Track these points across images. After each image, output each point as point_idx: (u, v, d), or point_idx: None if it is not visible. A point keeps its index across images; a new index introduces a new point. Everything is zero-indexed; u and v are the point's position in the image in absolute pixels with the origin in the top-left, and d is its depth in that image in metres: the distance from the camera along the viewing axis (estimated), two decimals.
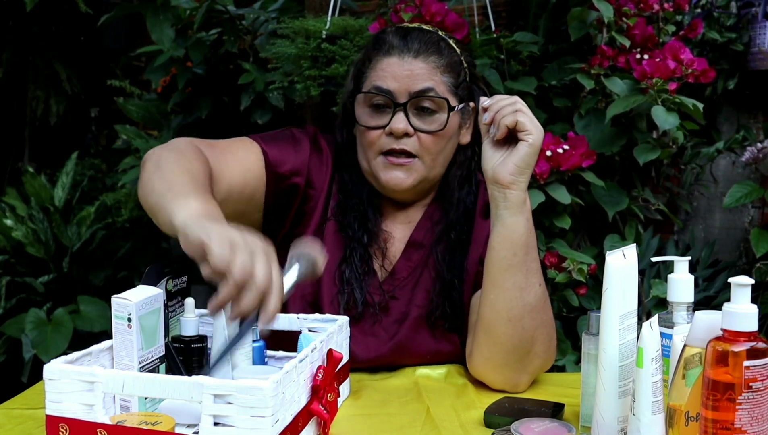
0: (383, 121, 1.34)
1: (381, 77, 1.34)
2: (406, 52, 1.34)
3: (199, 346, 1.14)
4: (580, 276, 1.63)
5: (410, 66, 1.33)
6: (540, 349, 1.27)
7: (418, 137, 1.33)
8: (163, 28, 2.15)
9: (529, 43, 1.88)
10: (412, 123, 1.33)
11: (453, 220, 1.41)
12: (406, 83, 1.32)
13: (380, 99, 1.34)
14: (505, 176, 1.22)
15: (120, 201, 3.04)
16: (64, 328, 2.92)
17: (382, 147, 1.34)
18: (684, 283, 1.01)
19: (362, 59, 1.41)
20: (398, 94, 1.33)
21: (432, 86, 1.33)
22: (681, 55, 1.68)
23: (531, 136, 1.20)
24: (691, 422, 0.87)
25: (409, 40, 1.35)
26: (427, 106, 1.33)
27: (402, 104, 1.32)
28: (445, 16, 1.74)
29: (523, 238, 1.23)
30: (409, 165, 1.34)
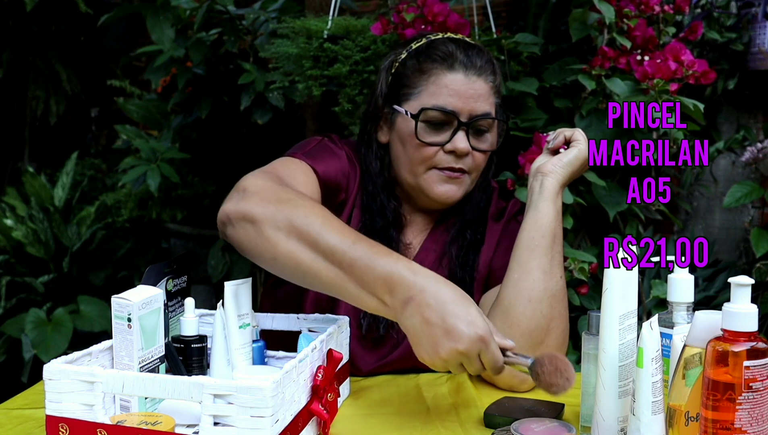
0: (442, 138, 1.33)
1: (443, 94, 1.32)
2: (471, 69, 1.33)
3: (199, 346, 1.14)
4: (581, 275, 1.63)
5: (474, 85, 1.33)
6: (553, 343, 1.27)
7: (473, 156, 1.35)
8: (163, 28, 2.15)
9: (530, 44, 1.88)
10: (471, 143, 1.34)
11: (469, 220, 1.42)
12: (470, 104, 1.32)
13: (441, 117, 1.33)
14: (547, 166, 1.29)
15: (120, 201, 3.05)
16: (64, 328, 2.92)
17: (439, 163, 1.34)
18: (684, 283, 1.01)
19: (414, 67, 1.36)
20: (461, 113, 1.33)
21: (490, 110, 1.35)
22: (682, 57, 1.68)
23: (581, 145, 1.29)
24: (691, 422, 0.87)
25: (472, 56, 1.34)
26: (482, 128, 1.35)
27: (465, 124, 1.33)
28: (447, 16, 1.74)
29: (552, 225, 1.27)
30: (462, 179, 1.36)
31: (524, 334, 1.25)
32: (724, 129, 2.55)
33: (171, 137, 2.57)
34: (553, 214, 1.28)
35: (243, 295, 1.15)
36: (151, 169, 2.35)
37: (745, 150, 2.16)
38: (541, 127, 1.81)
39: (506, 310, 1.26)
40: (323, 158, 1.37)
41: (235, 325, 1.14)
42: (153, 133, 2.98)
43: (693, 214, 2.63)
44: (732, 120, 2.56)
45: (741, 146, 2.25)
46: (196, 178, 2.78)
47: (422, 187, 1.37)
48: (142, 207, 2.89)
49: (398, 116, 1.37)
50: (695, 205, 2.62)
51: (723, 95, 2.45)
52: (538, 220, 1.27)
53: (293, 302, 1.38)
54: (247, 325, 1.16)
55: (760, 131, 2.51)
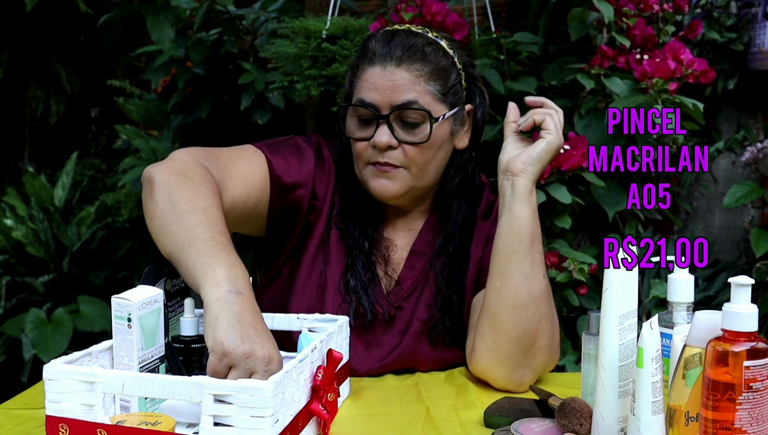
0: (368, 132, 1.33)
1: (365, 88, 1.32)
2: (389, 60, 1.31)
3: (199, 346, 1.14)
4: (580, 276, 1.63)
5: (392, 76, 1.30)
6: (544, 344, 1.26)
7: (403, 149, 1.32)
8: (163, 28, 2.15)
9: (529, 44, 1.88)
10: (396, 135, 1.31)
11: (450, 232, 1.40)
12: (388, 95, 1.30)
13: (365, 112, 1.33)
14: (516, 164, 1.27)
15: (120, 201, 3.05)
16: (64, 328, 2.92)
17: (369, 158, 1.34)
18: (684, 283, 1.01)
19: (353, 65, 1.39)
20: (381, 106, 1.31)
21: (414, 98, 1.30)
22: (681, 56, 1.68)
23: (550, 135, 1.26)
24: (691, 422, 0.87)
25: (393, 46, 1.31)
26: (412, 119, 1.31)
27: (385, 117, 1.31)
28: (446, 16, 1.73)
29: (529, 226, 1.25)
30: (394, 173, 1.33)
31: (513, 340, 1.25)
32: (724, 129, 2.55)
33: (171, 137, 2.56)
34: (529, 215, 1.26)
35: None
36: None
37: (745, 150, 2.16)
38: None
39: (492, 318, 1.26)
40: (284, 154, 1.38)
41: None
42: (153, 133, 2.98)
43: (693, 214, 2.63)
44: (732, 120, 2.56)
45: (741, 146, 2.25)
46: None
47: (365, 183, 1.37)
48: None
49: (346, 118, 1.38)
50: (695, 205, 2.62)
51: (723, 95, 2.45)
52: (514, 224, 1.25)
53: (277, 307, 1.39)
54: None
55: (760, 131, 2.51)
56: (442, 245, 1.40)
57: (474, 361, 1.30)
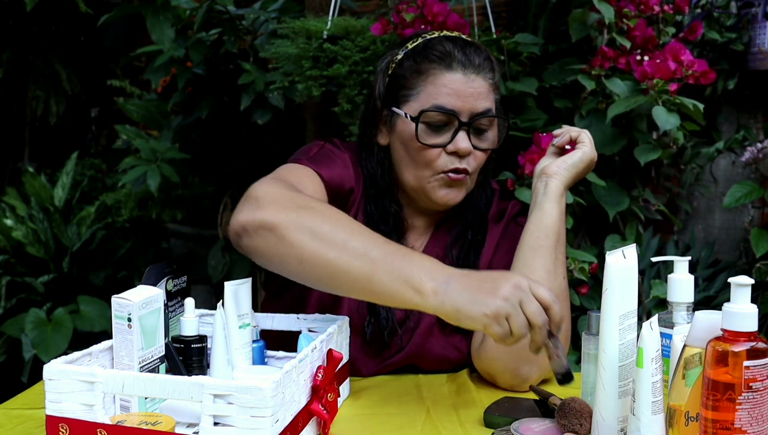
0: (443, 139, 1.31)
1: (443, 94, 1.30)
2: (470, 67, 1.30)
3: (199, 346, 1.14)
4: (581, 275, 1.63)
5: (473, 84, 1.30)
6: None
7: (474, 155, 1.33)
8: (163, 28, 2.15)
9: (529, 44, 1.88)
10: (472, 143, 1.32)
11: (470, 221, 1.42)
12: (470, 103, 1.30)
13: (441, 118, 1.31)
14: (552, 167, 1.30)
15: (120, 201, 3.05)
16: (64, 328, 2.92)
17: (444, 165, 1.32)
18: (684, 283, 1.01)
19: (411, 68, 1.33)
20: (462, 113, 1.30)
21: (490, 107, 1.33)
22: (681, 57, 1.68)
23: (586, 147, 1.31)
24: (691, 422, 0.87)
25: (469, 54, 1.31)
26: (483, 127, 1.34)
27: (466, 123, 1.31)
28: (447, 16, 1.74)
29: (556, 225, 1.28)
30: (464, 181, 1.35)
31: None
32: (724, 129, 2.55)
33: (171, 137, 2.57)
34: (557, 215, 1.29)
35: (243, 295, 1.15)
36: (151, 169, 2.36)
37: (745, 150, 2.16)
38: (541, 127, 1.81)
39: None
40: (327, 163, 1.36)
41: (235, 325, 1.14)
42: (153, 133, 2.98)
43: (693, 214, 2.63)
44: (732, 120, 2.56)
45: (741, 146, 2.25)
46: (196, 178, 2.78)
47: (426, 191, 1.35)
48: (142, 207, 2.89)
49: (398, 118, 1.34)
50: (695, 205, 2.62)
51: (723, 95, 2.45)
52: (543, 221, 1.28)
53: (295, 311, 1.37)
54: (247, 325, 1.16)
55: (760, 131, 2.51)
56: (461, 232, 1.41)
57: (482, 356, 1.29)
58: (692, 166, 2.28)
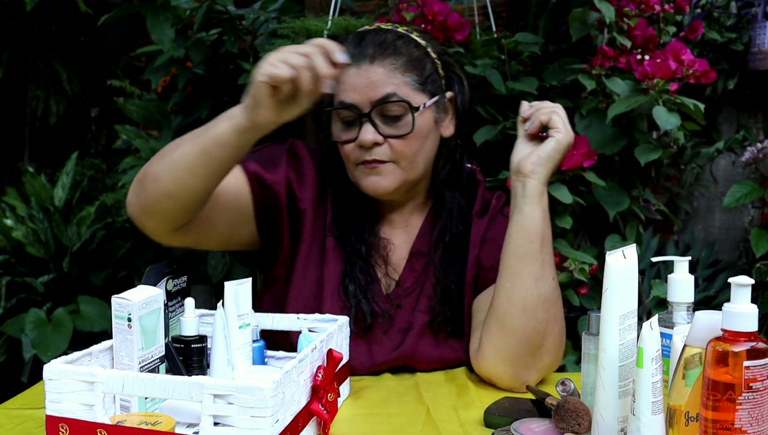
0: (353, 133, 1.33)
1: (343, 90, 1.32)
2: (362, 59, 1.31)
3: (199, 346, 1.14)
4: (581, 275, 1.62)
5: (368, 73, 1.31)
6: (551, 345, 1.27)
7: (389, 144, 1.32)
8: (163, 28, 2.15)
9: (530, 44, 1.88)
10: (380, 131, 1.31)
11: (446, 223, 1.41)
12: (366, 93, 1.31)
13: (347, 114, 1.33)
14: (527, 165, 1.26)
15: (120, 201, 3.04)
16: (64, 328, 2.92)
17: (357, 159, 1.34)
18: (684, 283, 1.01)
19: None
20: (361, 104, 1.31)
21: (393, 91, 1.31)
22: (682, 56, 1.68)
23: (559, 134, 1.26)
24: (691, 422, 0.87)
25: (364, 45, 1.33)
26: (394, 113, 1.32)
27: (367, 114, 1.31)
28: (448, 15, 1.74)
29: (539, 227, 1.26)
30: (383, 168, 1.33)
31: (521, 341, 1.25)
32: (724, 129, 2.55)
33: (171, 137, 2.56)
34: (540, 216, 1.26)
35: (243, 295, 1.15)
36: None
37: (745, 150, 2.16)
38: None
39: (501, 319, 1.26)
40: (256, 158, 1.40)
41: (235, 325, 1.14)
42: (153, 133, 2.98)
43: (693, 214, 2.63)
44: (732, 120, 2.56)
45: (741, 146, 2.25)
46: None
47: (356, 183, 1.37)
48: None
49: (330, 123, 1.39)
50: (695, 205, 2.62)
51: (723, 95, 2.45)
52: (524, 225, 1.26)
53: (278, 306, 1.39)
54: (247, 325, 1.16)
55: (760, 131, 2.51)
56: (439, 236, 1.40)
57: (480, 360, 1.30)
58: (692, 166, 2.28)
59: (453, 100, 1.40)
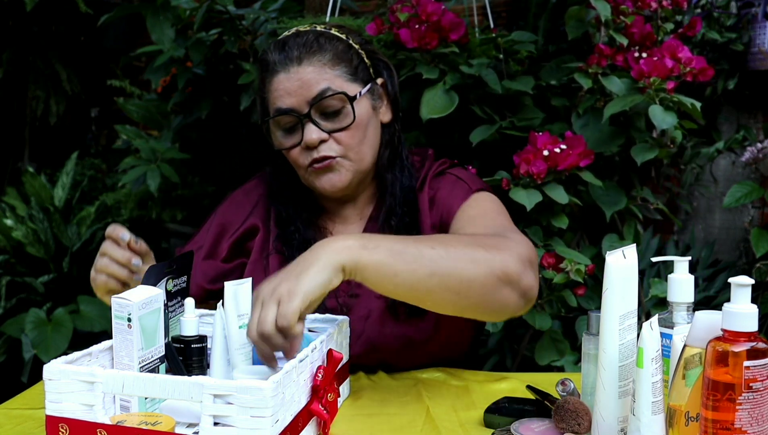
0: (296, 138, 1.34)
1: (277, 97, 1.34)
2: (288, 63, 1.32)
3: (199, 346, 1.14)
4: (577, 276, 1.62)
5: (298, 75, 1.32)
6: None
7: (334, 139, 1.33)
8: (163, 28, 2.15)
9: (526, 42, 1.88)
10: (323, 127, 1.32)
11: (390, 204, 1.40)
12: (301, 94, 1.32)
13: (287, 120, 1.34)
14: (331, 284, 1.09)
15: (120, 201, 3.05)
16: (64, 328, 2.92)
17: (305, 162, 1.35)
18: (684, 283, 1.01)
19: (259, 84, 1.41)
20: (299, 107, 1.32)
21: (327, 86, 1.32)
22: (679, 54, 1.67)
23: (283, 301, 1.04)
24: (691, 422, 0.87)
25: (288, 50, 1.34)
26: (333, 108, 1.33)
27: (306, 115, 1.32)
28: (442, 15, 1.73)
29: (386, 264, 1.10)
30: (335, 164, 1.34)
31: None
32: (724, 129, 2.55)
33: (171, 137, 2.56)
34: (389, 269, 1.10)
35: (243, 295, 1.15)
36: (151, 169, 2.35)
37: (745, 150, 2.16)
38: (538, 126, 1.80)
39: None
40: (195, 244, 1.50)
41: (235, 325, 1.14)
42: (153, 133, 2.98)
43: (693, 214, 2.63)
44: (732, 120, 2.56)
45: (741, 146, 2.25)
46: (196, 178, 2.78)
47: (311, 187, 1.38)
48: (142, 207, 2.89)
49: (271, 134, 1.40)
50: (695, 205, 2.63)
51: (723, 95, 2.45)
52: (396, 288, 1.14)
53: None
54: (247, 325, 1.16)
55: (760, 131, 2.51)
56: (384, 220, 1.40)
57: None
58: (692, 166, 2.28)
59: (384, 86, 1.42)
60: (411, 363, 1.39)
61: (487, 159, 1.82)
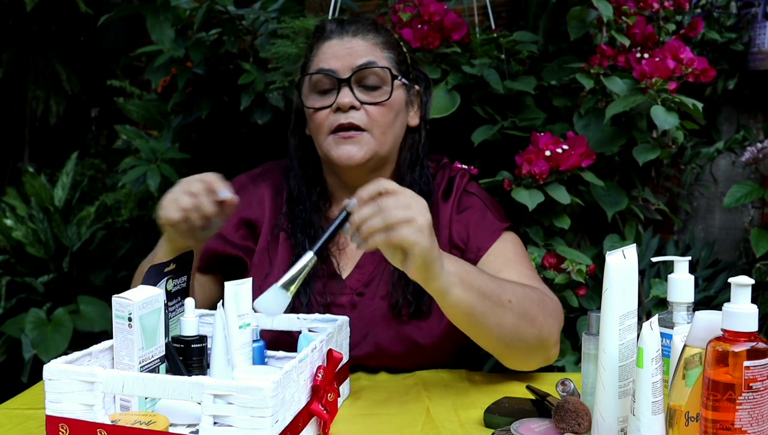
0: (329, 100, 1.36)
1: (323, 59, 1.38)
2: (344, 33, 1.39)
3: (199, 346, 1.14)
4: (579, 277, 1.62)
5: (350, 44, 1.37)
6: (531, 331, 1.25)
7: (365, 111, 1.36)
8: (163, 29, 2.15)
9: (528, 43, 1.88)
10: (358, 97, 1.35)
11: None
12: (348, 60, 1.36)
13: (325, 82, 1.37)
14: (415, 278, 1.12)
15: (120, 201, 3.04)
16: (64, 328, 2.92)
17: (331, 125, 1.36)
18: (684, 283, 1.01)
19: (305, 55, 1.45)
20: (341, 71, 1.36)
21: (374, 60, 1.37)
22: (681, 55, 1.67)
23: (417, 247, 1.05)
24: (691, 422, 0.87)
25: (345, 24, 1.41)
26: (372, 82, 1.37)
27: (346, 80, 1.35)
28: (444, 15, 1.73)
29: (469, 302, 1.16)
30: (359, 138, 1.36)
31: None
32: (724, 129, 2.55)
33: (171, 137, 2.56)
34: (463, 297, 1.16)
35: (243, 295, 1.15)
36: (151, 169, 2.35)
37: (745, 150, 2.16)
38: (540, 126, 1.80)
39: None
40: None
41: (235, 325, 1.14)
42: (153, 133, 2.97)
43: (693, 214, 2.63)
44: (732, 120, 2.56)
45: (741, 146, 2.25)
46: None
47: (327, 155, 1.39)
48: (142, 207, 2.89)
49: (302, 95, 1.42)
50: (695, 205, 2.62)
51: (723, 95, 2.45)
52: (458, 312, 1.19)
53: None
54: (247, 325, 1.16)
55: (760, 131, 2.51)
56: None
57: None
58: (692, 166, 2.28)
59: (419, 94, 1.46)
60: (414, 364, 1.39)
61: (488, 159, 1.82)
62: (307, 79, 1.40)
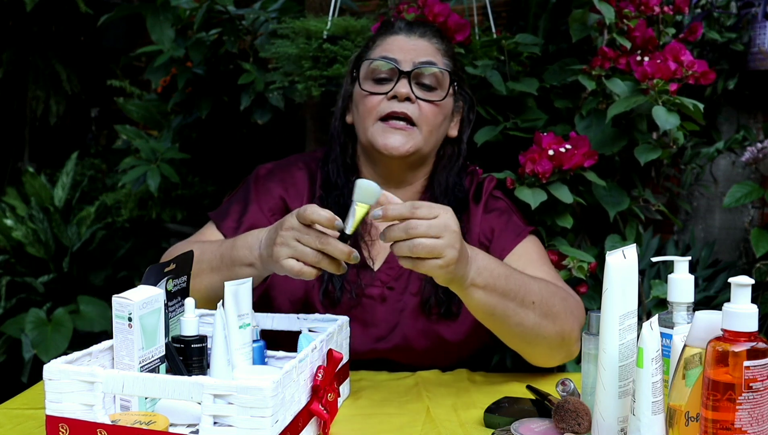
0: (385, 88, 1.39)
1: (387, 49, 1.42)
2: (412, 32, 1.45)
3: (199, 346, 1.14)
4: (580, 273, 1.62)
5: (415, 42, 1.43)
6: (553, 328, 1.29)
7: (419, 106, 1.38)
8: (163, 29, 2.15)
9: (530, 45, 1.88)
10: (414, 92, 1.38)
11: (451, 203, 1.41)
12: (411, 54, 1.40)
13: (385, 70, 1.40)
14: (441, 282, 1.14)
15: (120, 201, 3.04)
16: (64, 328, 2.92)
17: (382, 111, 1.38)
18: (684, 283, 1.01)
19: (365, 46, 1.49)
20: (404, 63, 1.39)
21: (435, 61, 1.41)
22: (681, 57, 1.68)
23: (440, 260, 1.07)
24: (691, 422, 0.87)
25: (413, 25, 1.47)
26: (429, 81, 1.40)
27: (406, 72, 1.38)
28: (448, 16, 1.74)
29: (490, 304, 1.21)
30: (408, 131, 1.38)
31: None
32: (724, 129, 2.54)
33: (171, 137, 2.56)
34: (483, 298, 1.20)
35: (243, 295, 1.15)
36: (151, 169, 2.35)
37: (745, 150, 2.16)
38: (541, 127, 1.81)
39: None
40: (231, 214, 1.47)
41: (235, 325, 1.14)
42: (153, 133, 2.98)
43: (693, 214, 2.63)
44: (732, 120, 2.55)
45: (741, 146, 2.25)
46: (196, 178, 2.78)
47: (371, 141, 1.39)
48: (142, 207, 2.89)
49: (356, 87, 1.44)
50: (695, 205, 2.62)
51: (723, 95, 2.45)
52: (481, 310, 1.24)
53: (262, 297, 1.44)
54: (247, 325, 1.16)
55: (760, 131, 2.51)
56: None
57: None
58: (692, 166, 2.27)
59: (462, 110, 1.49)
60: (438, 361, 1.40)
61: (490, 160, 1.82)
62: (366, 64, 1.42)
